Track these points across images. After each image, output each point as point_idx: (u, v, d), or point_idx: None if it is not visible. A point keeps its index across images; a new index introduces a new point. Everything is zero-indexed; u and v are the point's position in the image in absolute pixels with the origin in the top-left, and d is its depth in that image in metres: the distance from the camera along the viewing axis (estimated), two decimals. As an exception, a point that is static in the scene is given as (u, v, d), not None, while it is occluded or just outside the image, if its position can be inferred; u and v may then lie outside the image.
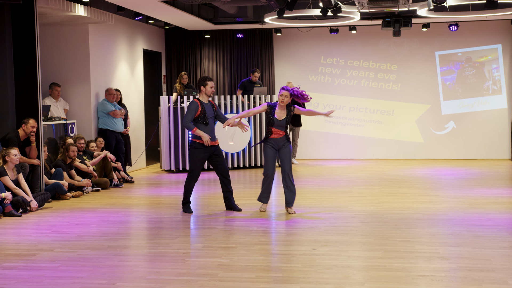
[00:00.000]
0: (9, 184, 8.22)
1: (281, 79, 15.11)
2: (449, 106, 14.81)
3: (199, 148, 8.00)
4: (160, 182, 11.53)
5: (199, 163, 8.06)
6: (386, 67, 14.97)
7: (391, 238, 6.53)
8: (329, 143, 15.14)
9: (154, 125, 13.93)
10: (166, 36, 15.12)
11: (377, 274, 5.25)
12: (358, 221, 7.52)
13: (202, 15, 13.05)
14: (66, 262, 5.75)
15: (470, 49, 14.69)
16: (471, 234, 6.69)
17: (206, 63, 15.20)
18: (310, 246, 6.22)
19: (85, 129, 11.45)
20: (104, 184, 10.41)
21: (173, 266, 5.60)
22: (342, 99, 15.08)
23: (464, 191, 9.77)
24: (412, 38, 14.78)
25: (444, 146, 14.78)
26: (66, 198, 9.37)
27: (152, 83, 14.68)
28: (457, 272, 5.28)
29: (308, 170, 12.97)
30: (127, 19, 12.76)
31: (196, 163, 8.04)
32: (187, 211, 8.16)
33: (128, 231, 7.35)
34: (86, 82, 11.54)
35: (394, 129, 14.96)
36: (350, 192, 9.87)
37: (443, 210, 8.10)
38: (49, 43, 11.34)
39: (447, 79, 14.83)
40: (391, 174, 12.16)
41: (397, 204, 8.61)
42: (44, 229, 7.30)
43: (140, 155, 13.27)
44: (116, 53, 12.56)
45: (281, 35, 15.00)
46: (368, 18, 13.15)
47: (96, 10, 10.93)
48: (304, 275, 5.24)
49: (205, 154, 8.03)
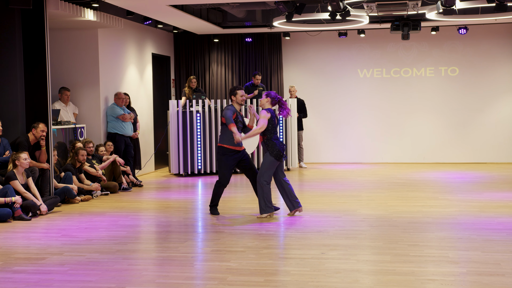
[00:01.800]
0: (19, 188, 8.26)
1: (289, 82, 15.11)
2: (459, 110, 14.75)
3: (226, 155, 8.12)
4: (169, 186, 11.56)
5: (227, 170, 8.17)
6: (395, 71, 14.93)
7: (400, 242, 6.51)
8: (338, 146, 15.12)
9: (163, 129, 13.96)
10: (175, 40, 15.17)
11: (386, 278, 5.24)
12: (367, 225, 7.50)
13: (210, 19, 13.08)
14: (76, 265, 5.77)
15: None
16: (481, 238, 6.66)
17: (214, 67, 15.23)
18: (319, 250, 6.21)
19: (94, 133, 11.50)
20: (113, 188, 10.44)
21: (182, 270, 5.61)
22: (351, 103, 15.05)
23: (473, 195, 9.73)
24: (421, 41, 14.75)
25: (454, 149, 14.73)
26: (76, 202, 9.40)
27: (161, 87, 14.72)
28: (466, 277, 5.25)
29: (317, 174, 12.96)
30: (136, 23, 12.81)
31: (224, 170, 8.17)
32: (214, 212, 8.34)
33: (137, 235, 7.36)
34: (95, 86, 11.59)
35: (403, 132, 14.91)
36: (359, 196, 9.85)
37: (453, 214, 8.07)
38: (58, 47, 11.40)
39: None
40: (400, 177, 12.13)
41: (406, 208, 8.58)
42: (53, 233, 7.33)
43: (149, 159, 13.30)
44: (125, 57, 12.61)
45: (290, 39, 15.01)
46: (377, 21, 13.14)
47: (106, 15, 10.98)
48: (312, 279, 5.23)
49: (233, 162, 8.18)
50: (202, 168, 12.72)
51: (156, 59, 14.25)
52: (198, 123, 12.64)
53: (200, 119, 12.65)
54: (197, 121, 12.64)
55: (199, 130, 12.66)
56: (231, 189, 10.72)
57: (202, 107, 12.67)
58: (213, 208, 8.39)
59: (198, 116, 12.64)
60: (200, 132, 12.65)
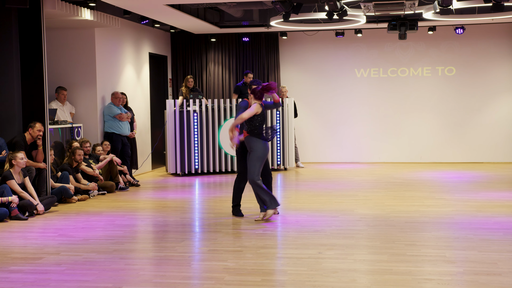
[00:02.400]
0: (15, 187, 8.24)
1: (286, 82, 15.11)
2: (456, 109, 14.77)
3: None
4: (166, 185, 11.55)
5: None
6: (392, 70, 14.94)
7: (397, 242, 6.52)
8: (335, 146, 15.12)
9: (160, 129, 13.95)
10: (172, 39, 15.16)
11: (383, 277, 5.24)
12: (364, 224, 7.51)
13: (208, 19, 13.08)
14: (72, 265, 5.77)
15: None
16: (477, 237, 6.67)
17: (212, 66, 15.22)
18: (316, 250, 6.21)
19: (91, 133, 11.48)
20: (110, 188, 10.43)
21: (179, 269, 5.61)
22: (348, 103, 15.06)
23: (470, 195, 9.74)
24: (418, 41, 14.76)
25: (451, 149, 14.75)
26: (72, 202, 9.39)
27: (158, 86, 14.71)
28: (463, 276, 5.26)
29: (314, 173, 12.96)
30: (133, 23, 12.80)
31: (241, 165, 7.95)
32: (237, 214, 8.04)
33: (134, 234, 7.35)
34: (92, 85, 11.58)
35: (400, 132, 14.93)
36: (356, 195, 9.86)
37: (450, 214, 8.08)
38: (55, 47, 11.38)
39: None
40: (397, 177, 12.14)
41: (403, 208, 8.59)
42: (50, 232, 7.32)
43: (146, 159, 13.29)
44: (122, 57, 12.59)
45: (287, 39, 15.00)
46: (374, 21, 13.14)
47: (103, 14, 10.97)
48: (310, 278, 5.23)
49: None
50: (199, 168, 12.71)
51: (153, 59, 14.24)
52: (195, 122, 12.63)
53: (198, 119, 12.64)
54: (194, 120, 12.63)
55: (196, 129, 12.64)
56: (227, 189, 10.73)
57: (199, 107, 12.66)
58: (236, 209, 8.06)
59: (195, 115, 12.63)
60: (197, 132, 12.64)
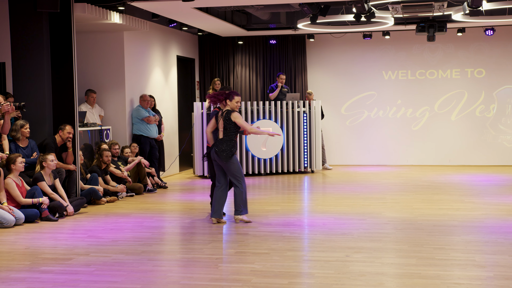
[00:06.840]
0: (46, 189, 8.36)
1: (313, 84, 15.09)
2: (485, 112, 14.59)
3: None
4: (193, 187, 11.60)
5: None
6: (420, 72, 14.82)
7: (426, 245, 6.46)
8: (362, 149, 15.04)
9: (187, 131, 14.03)
10: (200, 42, 15.24)
11: (411, 281, 5.20)
12: (391, 227, 7.46)
13: (235, 22, 13.12)
14: (101, 266, 5.83)
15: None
16: (508, 241, 6.57)
17: (239, 69, 15.26)
18: (343, 253, 6.19)
19: (120, 135, 11.60)
20: (138, 190, 10.52)
21: (206, 271, 5.63)
22: (375, 105, 14.98)
23: (500, 198, 9.61)
24: (447, 43, 14.62)
25: (480, 151, 14.56)
26: (101, 203, 9.49)
27: (186, 89, 14.80)
28: (493, 281, 5.19)
29: (341, 176, 12.91)
30: (161, 26, 12.90)
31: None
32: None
33: (161, 236, 7.41)
34: (121, 88, 11.70)
35: (428, 134, 14.79)
36: (384, 198, 9.79)
37: (479, 217, 7.98)
38: (85, 50, 11.53)
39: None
40: (425, 180, 12.03)
41: (432, 211, 8.51)
42: (79, 233, 7.41)
43: (173, 161, 13.37)
44: (151, 60, 12.70)
45: (314, 41, 14.98)
46: (402, 23, 13.05)
47: (131, 18, 11.08)
48: (337, 281, 5.21)
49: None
50: (226, 170, 12.72)
51: (180, 61, 14.33)
52: (222, 125, 12.65)
53: (225, 121, 12.65)
54: (222, 123, 12.64)
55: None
56: (254, 191, 10.74)
57: (226, 109, 12.68)
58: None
59: (222, 118, 12.65)
60: (224, 134, 12.66)
